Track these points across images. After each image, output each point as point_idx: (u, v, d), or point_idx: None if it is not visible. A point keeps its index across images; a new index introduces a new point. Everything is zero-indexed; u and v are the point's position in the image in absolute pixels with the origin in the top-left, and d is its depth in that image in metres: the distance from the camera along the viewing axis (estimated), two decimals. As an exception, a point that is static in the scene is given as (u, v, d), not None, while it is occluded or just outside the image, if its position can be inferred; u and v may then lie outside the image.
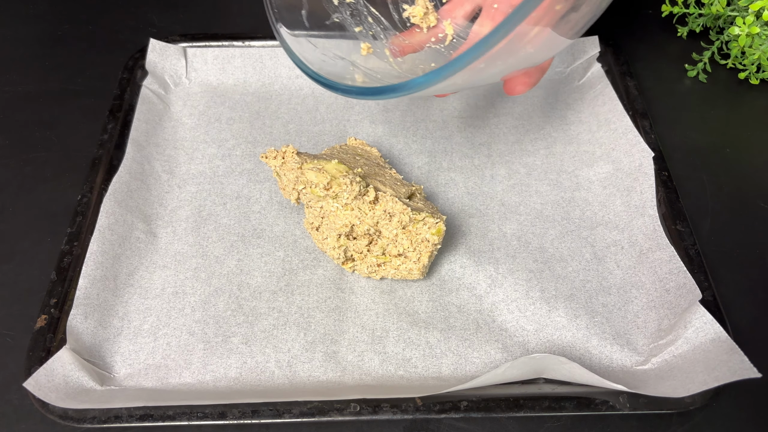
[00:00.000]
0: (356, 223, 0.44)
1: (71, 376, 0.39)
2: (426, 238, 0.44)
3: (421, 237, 0.44)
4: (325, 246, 0.46)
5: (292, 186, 0.46)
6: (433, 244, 0.44)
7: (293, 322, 0.44)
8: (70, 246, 0.46)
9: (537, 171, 0.53)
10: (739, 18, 0.56)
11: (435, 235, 0.43)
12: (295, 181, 0.46)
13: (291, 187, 0.47)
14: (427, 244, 0.44)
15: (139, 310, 0.45)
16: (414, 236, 0.44)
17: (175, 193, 0.51)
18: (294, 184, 0.46)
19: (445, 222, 0.44)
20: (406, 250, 0.44)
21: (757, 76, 0.59)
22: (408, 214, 0.43)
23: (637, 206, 0.49)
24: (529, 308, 0.44)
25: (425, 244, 0.44)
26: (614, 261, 0.47)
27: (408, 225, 0.44)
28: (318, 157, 0.47)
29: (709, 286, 0.43)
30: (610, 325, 0.44)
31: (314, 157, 0.47)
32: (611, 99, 0.55)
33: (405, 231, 0.44)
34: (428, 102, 0.58)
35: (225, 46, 0.59)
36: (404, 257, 0.44)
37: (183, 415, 0.38)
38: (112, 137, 0.53)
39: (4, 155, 0.55)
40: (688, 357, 0.40)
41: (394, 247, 0.44)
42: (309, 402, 0.38)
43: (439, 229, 0.43)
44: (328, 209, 0.44)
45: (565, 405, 0.38)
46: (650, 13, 0.66)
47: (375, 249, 0.44)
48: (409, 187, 0.47)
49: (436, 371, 0.42)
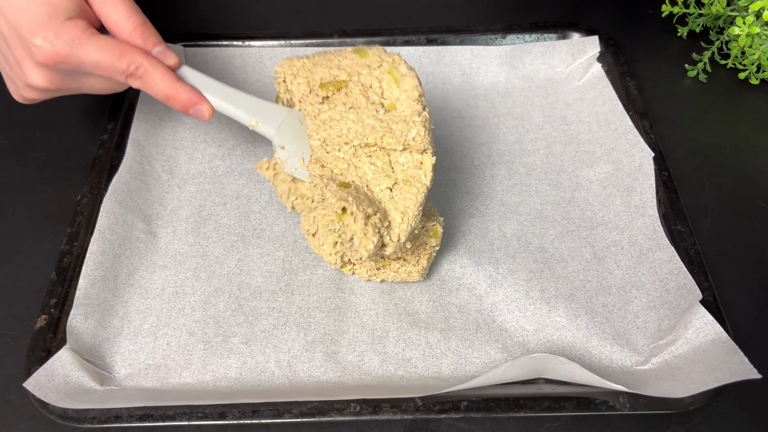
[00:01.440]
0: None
1: (71, 376, 0.39)
2: (424, 241, 0.44)
3: (419, 240, 0.44)
4: (322, 252, 0.45)
5: (286, 196, 0.46)
6: (431, 246, 0.44)
7: (293, 322, 0.44)
8: (70, 246, 0.46)
9: (537, 171, 0.53)
10: (739, 18, 0.56)
11: (433, 238, 0.43)
12: (288, 192, 0.46)
13: (285, 197, 0.46)
14: (426, 247, 0.44)
15: (139, 310, 0.45)
16: (413, 240, 0.44)
17: (175, 193, 0.51)
18: (287, 194, 0.46)
19: (442, 223, 0.44)
20: (405, 254, 0.44)
21: (757, 76, 0.59)
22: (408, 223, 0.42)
23: (637, 206, 0.49)
24: (529, 308, 0.44)
25: (424, 247, 0.44)
26: (614, 261, 0.47)
27: None
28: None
29: (709, 287, 0.43)
30: (610, 325, 0.44)
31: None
32: (611, 99, 0.55)
33: None
34: (429, 102, 0.58)
35: (225, 46, 0.59)
36: (403, 260, 0.44)
37: (183, 415, 0.38)
38: (112, 137, 0.53)
39: (4, 155, 0.55)
40: (688, 357, 0.40)
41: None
42: (309, 402, 0.38)
43: (436, 232, 0.43)
44: (321, 219, 0.44)
45: (565, 405, 0.38)
46: (650, 13, 0.66)
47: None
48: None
49: (436, 371, 0.42)
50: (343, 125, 0.41)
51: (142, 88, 0.43)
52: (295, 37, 0.60)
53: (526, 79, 0.60)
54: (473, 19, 0.64)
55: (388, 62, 0.41)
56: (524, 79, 0.60)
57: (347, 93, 0.42)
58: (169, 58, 0.44)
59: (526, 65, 0.60)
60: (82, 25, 0.41)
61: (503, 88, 0.59)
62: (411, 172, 0.40)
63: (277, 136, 0.46)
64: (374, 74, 0.42)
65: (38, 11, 0.40)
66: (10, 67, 0.44)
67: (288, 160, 0.45)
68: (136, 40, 0.42)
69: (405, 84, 0.41)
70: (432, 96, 0.59)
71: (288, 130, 0.46)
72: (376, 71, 0.41)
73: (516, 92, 0.59)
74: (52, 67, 0.41)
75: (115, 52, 0.41)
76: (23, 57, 0.41)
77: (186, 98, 0.44)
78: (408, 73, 0.41)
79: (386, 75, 0.41)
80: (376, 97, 0.41)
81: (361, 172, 0.41)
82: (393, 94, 0.41)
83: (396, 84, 0.41)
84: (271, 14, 0.66)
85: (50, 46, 0.40)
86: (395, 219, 0.39)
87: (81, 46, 0.40)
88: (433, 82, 0.60)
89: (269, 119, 0.46)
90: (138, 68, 0.42)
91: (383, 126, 0.40)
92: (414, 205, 0.39)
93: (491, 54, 0.59)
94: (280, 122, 0.46)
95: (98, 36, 0.41)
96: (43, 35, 0.40)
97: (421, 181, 0.40)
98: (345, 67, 0.42)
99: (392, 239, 0.39)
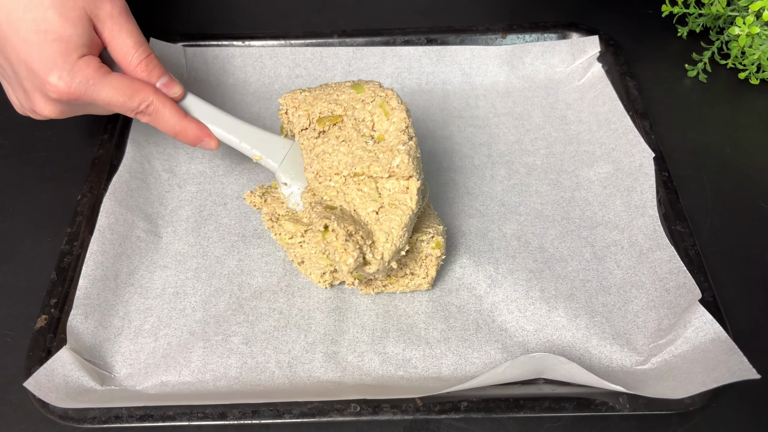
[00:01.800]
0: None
1: (71, 376, 0.39)
2: (429, 253, 0.44)
3: (424, 253, 0.44)
4: (312, 278, 0.46)
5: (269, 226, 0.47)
6: (437, 257, 0.44)
7: (294, 324, 0.44)
8: (70, 246, 0.46)
9: (537, 171, 0.53)
10: (739, 18, 0.56)
11: (436, 249, 0.43)
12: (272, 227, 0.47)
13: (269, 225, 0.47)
14: (432, 259, 0.44)
15: (140, 309, 0.45)
16: (417, 254, 0.44)
17: (175, 193, 0.51)
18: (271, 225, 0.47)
19: (443, 232, 0.44)
20: (413, 269, 0.44)
21: (757, 76, 0.59)
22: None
23: (637, 206, 0.49)
24: (528, 308, 0.44)
25: (430, 259, 0.44)
26: (614, 261, 0.47)
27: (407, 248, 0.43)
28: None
29: (709, 287, 0.43)
30: (609, 324, 0.44)
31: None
32: (611, 99, 0.55)
33: (408, 254, 0.43)
34: (428, 102, 0.58)
35: (225, 46, 0.59)
36: (411, 275, 0.45)
37: (183, 415, 0.38)
38: (112, 137, 0.53)
39: (4, 155, 0.55)
40: (687, 357, 0.40)
41: (400, 270, 0.44)
42: (309, 402, 0.38)
43: (438, 242, 0.43)
44: (305, 253, 0.45)
45: (565, 405, 0.38)
46: (650, 13, 0.66)
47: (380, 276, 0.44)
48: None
49: (436, 371, 0.42)
50: (334, 158, 0.43)
51: (151, 123, 0.44)
52: (295, 37, 0.60)
53: (526, 79, 0.60)
54: (473, 19, 0.64)
55: (381, 97, 0.44)
56: (524, 79, 0.60)
57: (341, 127, 0.44)
58: (173, 89, 0.45)
59: (526, 65, 0.60)
60: (95, 64, 0.41)
61: (503, 88, 0.59)
62: (397, 197, 0.41)
63: (281, 172, 0.47)
64: (367, 108, 0.44)
65: (51, 48, 0.40)
66: (15, 91, 0.44)
67: (290, 197, 0.47)
68: (141, 73, 0.43)
69: (394, 116, 0.43)
70: (432, 96, 0.59)
71: (291, 165, 0.47)
72: (369, 105, 0.44)
73: (516, 92, 0.59)
74: (64, 102, 0.42)
75: (126, 91, 0.42)
76: (33, 89, 0.42)
77: (193, 135, 0.45)
78: (398, 106, 0.43)
79: (378, 109, 0.43)
80: (367, 130, 0.44)
81: (350, 197, 0.42)
82: (383, 127, 0.43)
83: (386, 117, 0.43)
84: (271, 14, 0.66)
85: (65, 85, 0.40)
86: (380, 239, 0.40)
87: (95, 86, 0.41)
88: (433, 82, 0.60)
89: (273, 153, 0.47)
90: (148, 106, 0.43)
91: (371, 156, 0.42)
92: (399, 226, 0.40)
93: (491, 54, 0.59)
94: (284, 156, 0.47)
95: (110, 75, 0.42)
96: (58, 75, 0.40)
97: (406, 203, 0.41)
98: (342, 102, 0.44)
99: (375, 257, 0.40)
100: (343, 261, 0.38)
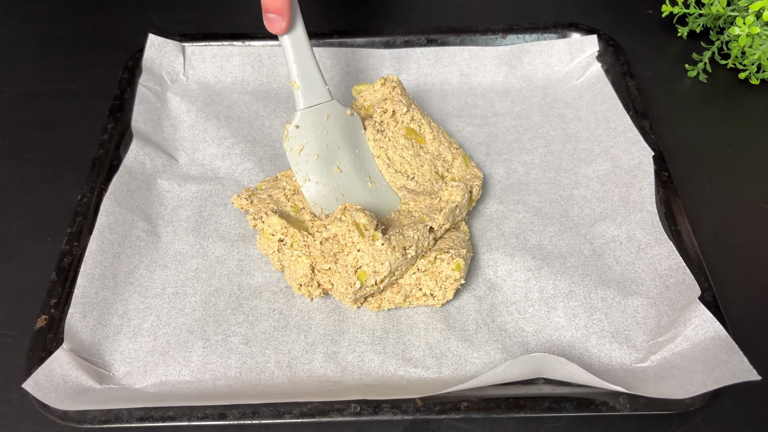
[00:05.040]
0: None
1: (69, 376, 0.39)
2: (448, 274, 0.43)
3: (443, 274, 0.43)
4: (294, 287, 0.45)
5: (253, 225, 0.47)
6: (455, 279, 0.43)
7: (294, 324, 0.44)
8: (70, 246, 0.46)
9: (536, 169, 0.53)
10: (739, 18, 0.56)
11: (456, 271, 0.43)
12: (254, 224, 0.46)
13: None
14: (452, 281, 0.43)
15: (139, 309, 0.45)
16: (437, 275, 0.43)
17: (175, 193, 0.51)
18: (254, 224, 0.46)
19: (466, 257, 0.44)
20: (433, 290, 0.43)
21: (757, 76, 0.59)
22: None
23: (636, 201, 0.48)
24: (528, 310, 0.44)
25: (450, 281, 0.43)
26: (613, 257, 0.47)
27: (427, 267, 0.43)
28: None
29: (709, 287, 0.43)
30: (609, 321, 0.44)
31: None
32: (610, 97, 0.55)
33: (426, 272, 0.43)
34: (427, 102, 0.58)
35: (224, 46, 0.59)
36: (430, 296, 0.44)
37: (183, 415, 0.38)
38: (112, 137, 0.53)
39: (4, 155, 0.55)
40: (687, 355, 0.40)
41: (419, 290, 0.43)
42: (309, 402, 0.38)
43: (458, 264, 0.43)
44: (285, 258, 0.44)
45: (565, 405, 0.38)
46: (650, 13, 0.66)
47: (397, 298, 0.44)
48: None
49: (436, 371, 0.42)
50: (406, 165, 0.49)
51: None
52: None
53: (525, 79, 0.60)
54: (473, 19, 0.64)
55: (478, 178, 0.49)
56: (522, 78, 0.60)
57: (422, 146, 0.50)
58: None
59: (525, 65, 0.60)
60: None
61: (501, 88, 0.59)
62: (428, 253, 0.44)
63: (301, 114, 0.46)
64: (452, 150, 0.50)
65: None
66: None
67: (299, 148, 0.45)
68: None
69: (468, 174, 0.50)
70: (430, 95, 0.59)
71: (313, 117, 0.46)
72: (459, 159, 0.50)
73: (514, 92, 0.59)
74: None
75: None
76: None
77: (279, 6, 0.43)
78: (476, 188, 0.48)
79: (461, 157, 0.50)
80: (442, 169, 0.49)
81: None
82: (458, 174, 0.49)
83: (465, 166, 0.50)
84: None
85: None
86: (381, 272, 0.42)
87: None
88: (432, 83, 0.60)
89: (309, 93, 0.46)
90: None
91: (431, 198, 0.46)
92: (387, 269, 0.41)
93: (489, 54, 0.59)
94: (315, 104, 0.46)
95: None
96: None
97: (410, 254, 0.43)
98: (437, 137, 0.51)
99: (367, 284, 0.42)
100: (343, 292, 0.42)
